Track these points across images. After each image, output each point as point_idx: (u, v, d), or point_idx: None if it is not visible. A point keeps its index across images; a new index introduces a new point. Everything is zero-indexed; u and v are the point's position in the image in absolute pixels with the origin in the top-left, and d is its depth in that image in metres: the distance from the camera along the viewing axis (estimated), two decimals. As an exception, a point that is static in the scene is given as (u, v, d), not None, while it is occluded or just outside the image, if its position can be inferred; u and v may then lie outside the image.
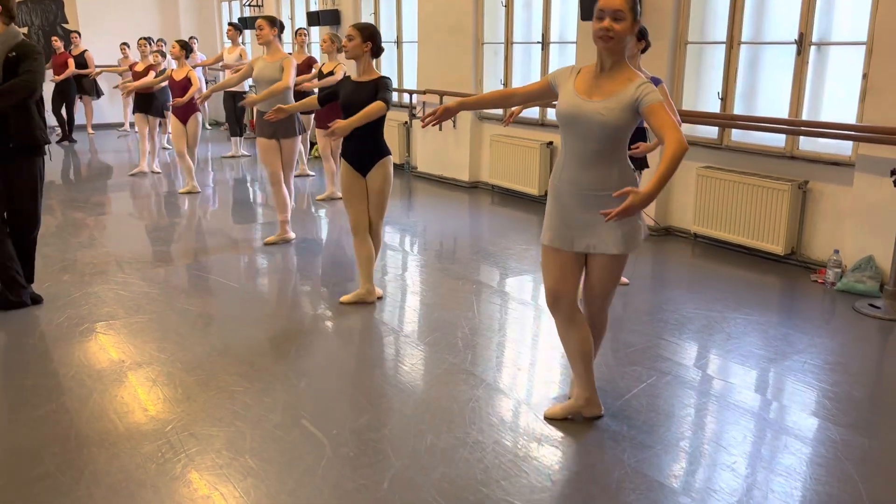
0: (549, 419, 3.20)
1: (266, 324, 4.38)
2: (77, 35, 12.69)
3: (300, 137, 5.96)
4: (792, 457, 2.95)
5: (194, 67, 11.21)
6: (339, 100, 4.39)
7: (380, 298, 4.70)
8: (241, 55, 9.91)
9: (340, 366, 3.80)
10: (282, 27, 5.91)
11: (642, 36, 4.49)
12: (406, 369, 3.78)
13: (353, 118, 4.12)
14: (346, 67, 7.44)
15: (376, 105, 4.14)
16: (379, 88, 4.24)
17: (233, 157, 10.65)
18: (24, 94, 4.14)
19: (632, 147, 4.34)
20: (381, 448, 2.97)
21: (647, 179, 6.07)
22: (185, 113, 7.88)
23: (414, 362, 3.87)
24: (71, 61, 12.10)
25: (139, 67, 9.11)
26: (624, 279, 5.01)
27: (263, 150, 5.89)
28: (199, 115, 7.98)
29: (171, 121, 8.04)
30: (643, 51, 4.59)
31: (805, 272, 5.31)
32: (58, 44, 12.36)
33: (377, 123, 4.30)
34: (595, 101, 2.78)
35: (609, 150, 2.83)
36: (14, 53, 4.16)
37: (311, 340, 4.13)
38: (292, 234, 6.15)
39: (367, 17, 9.93)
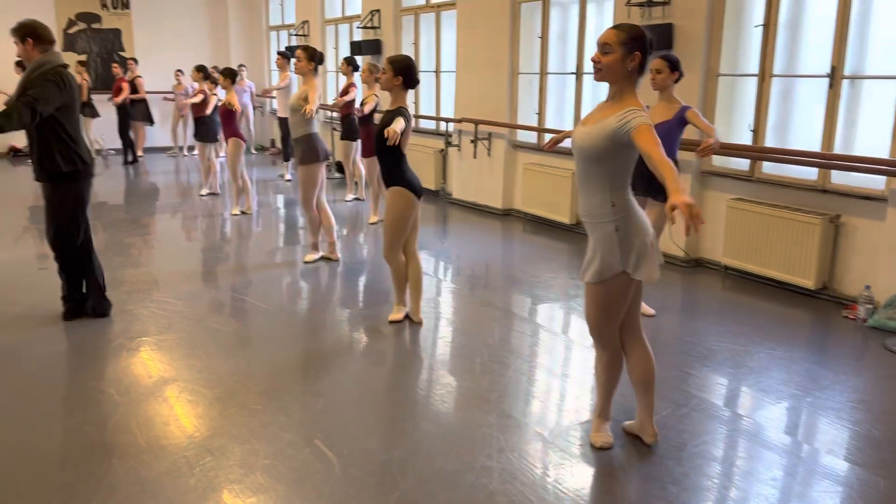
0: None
1: (292, 345, 4.49)
2: (133, 62, 13.21)
3: (322, 164, 6.06)
4: (804, 495, 2.91)
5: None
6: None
7: (416, 321, 4.81)
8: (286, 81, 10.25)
9: (358, 388, 3.87)
10: (320, 59, 6.04)
11: (674, 66, 4.55)
12: (422, 393, 3.84)
13: (394, 124, 4.30)
14: (378, 98, 7.61)
15: (396, 122, 4.34)
16: (395, 115, 4.43)
17: (281, 177, 11.04)
18: (19, 118, 4.11)
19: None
20: (389, 470, 3.03)
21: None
22: (225, 134, 8.21)
23: (430, 386, 3.92)
24: (126, 86, 12.61)
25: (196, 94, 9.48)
26: (650, 310, 4.98)
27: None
28: (240, 139, 8.21)
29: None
30: (676, 80, 4.63)
31: (837, 307, 5.21)
32: (116, 70, 12.91)
33: (389, 151, 4.48)
34: (584, 127, 2.92)
35: (593, 176, 2.91)
36: (28, 86, 4.26)
37: (332, 362, 4.22)
38: (318, 255, 6.37)
39: (407, 47, 10.15)
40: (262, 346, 4.43)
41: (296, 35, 13.18)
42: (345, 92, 8.62)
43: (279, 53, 9.70)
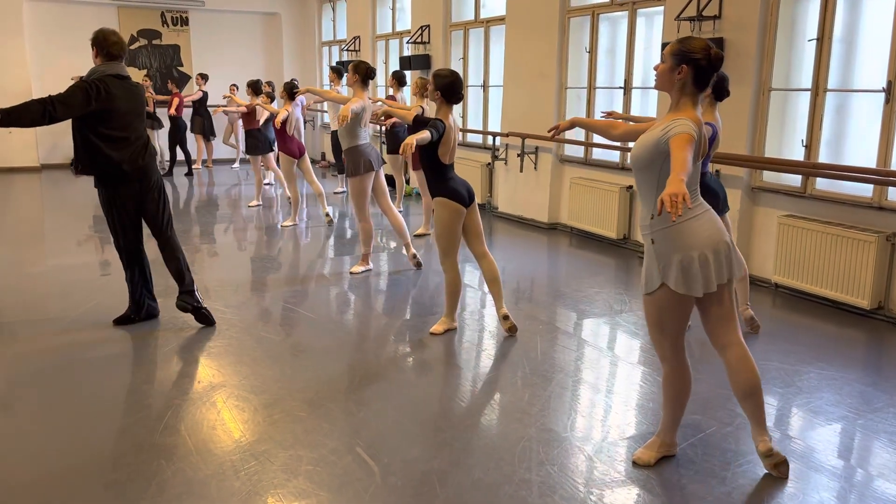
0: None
1: (337, 354, 4.56)
2: (201, 77, 13.55)
3: (369, 175, 6.11)
4: (852, 519, 2.83)
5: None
6: None
7: (501, 317, 4.82)
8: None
9: (400, 398, 3.91)
10: (365, 72, 6.10)
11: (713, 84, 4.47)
12: (463, 405, 3.86)
13: (410, 138, 4.31)
14: (423, 109, 7.64)
15: (422, 132, 4.36)
16: (427, 126, 4.46)
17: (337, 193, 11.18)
18: (26, 115, 4.15)
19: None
20: (429, 480, 3.05)
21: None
22: (279, 148, 8.43)
23: (471, 398, 3.94)
24: (177, 100, 12.89)
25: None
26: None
27: None
28: (289, 154, 8.37)
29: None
30: (719, 98, 4.54)
31: (893, 328, 5.06)
32: (171, 85, 13.31)
33: (427, 164, 4.57)
34: (642, 136, 2.95)
35: (641, 186, 2.95)
36: None
37: (376, 372, 4.27)
38: (366, 267, 6.45)
39: (456, 62, 10.24)
40: (308, 355, 4.51)
41: (347, 50, 13.41)
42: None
43: (331, 68, 9.90)
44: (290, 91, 8.45)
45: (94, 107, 4.36)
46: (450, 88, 4.53)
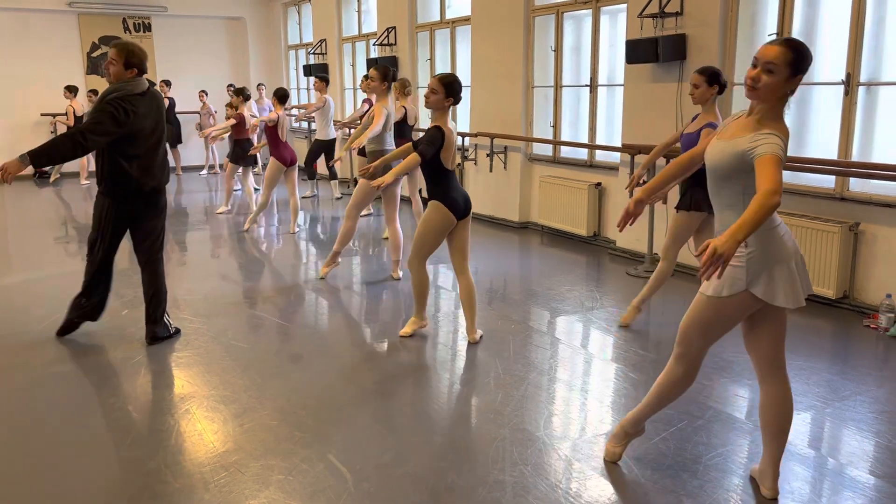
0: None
1: (308, 360, 4.51)
2: (165, 84, 13.37)
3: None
4: (822, 507, 2.87)
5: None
6: None
7: (470, 341, 4.76)
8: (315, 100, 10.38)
9: (372, 403, 3.88)
10: (393, 77, 6.20)
11: (712, 80, 4.52)
12: (436, 407, 3.84)
13: (391, 171, 4.32)
14: (405, 109, 7.59)
15: (410, 157, 4.34)
16: (423, 137, 4.42)
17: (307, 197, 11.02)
18: (56, 152, 4.20)
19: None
20: (402, 484, 3.03)
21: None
22: (270, 152, 8.25)
23: (444, 400, 3.93)
24: None
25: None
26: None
27: None
28: (279, 161, 8.19)
29: None
30: (719, 93, 4.59)
31: (858, 317, 5.14)
32: None
33: (430, 169, 4.49)
34: (718, 142, 2.73)
35: (724, 193, 2.72)
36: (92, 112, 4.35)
37: (348, 377, 4.23)
38: (334, 265, 6.40)
39: (422, 64, 10.23)
40: (279, 362, 4.46)
41: (313, 53, 13.33)
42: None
43: (318, 77, 9.65)
44: (281, 97, 8.32)
45: (123, 130, 4.28)
46: (450, 88, 4.47)
